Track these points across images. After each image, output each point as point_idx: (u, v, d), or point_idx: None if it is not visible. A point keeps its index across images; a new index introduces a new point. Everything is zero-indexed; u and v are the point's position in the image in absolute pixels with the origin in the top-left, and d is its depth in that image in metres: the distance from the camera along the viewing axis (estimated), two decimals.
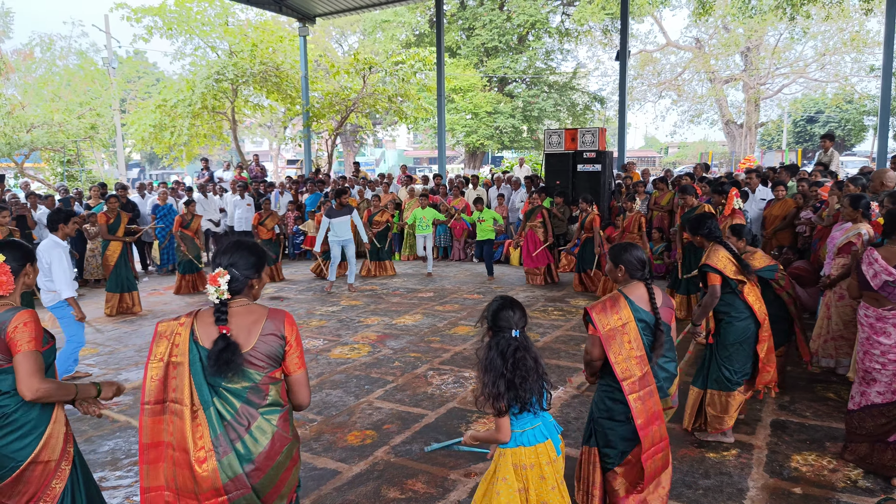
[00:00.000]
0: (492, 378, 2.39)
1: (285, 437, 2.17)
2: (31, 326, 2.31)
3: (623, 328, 2.83)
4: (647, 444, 2.80)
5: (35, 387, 2.25)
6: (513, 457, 2.47)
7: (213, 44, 16.02)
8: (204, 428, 2.05)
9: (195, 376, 2.08)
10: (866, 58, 25.15)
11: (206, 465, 2.03)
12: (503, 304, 2.49)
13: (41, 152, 18.35)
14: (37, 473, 2.32)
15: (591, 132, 10.81)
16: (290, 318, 2.22)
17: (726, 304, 3.96)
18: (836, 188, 6.12)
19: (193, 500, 2.07)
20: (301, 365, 2.22)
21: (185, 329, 2.13)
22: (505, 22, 24.69)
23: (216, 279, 2.12)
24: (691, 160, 37.96)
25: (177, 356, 2.10)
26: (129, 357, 6.18)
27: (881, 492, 3.37)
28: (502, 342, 2.43)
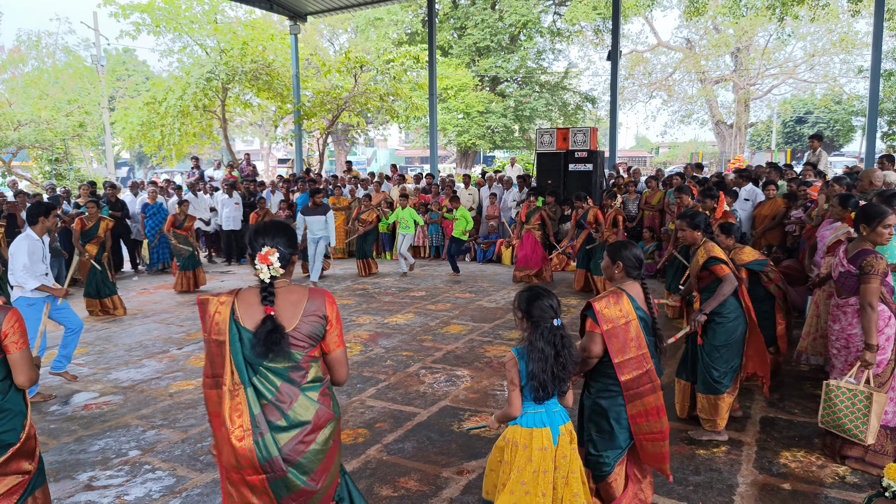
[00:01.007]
0: (541, 366, 2.46)
1: (328, 412, 2.20)
2: (22, 324, 2.56)
3: (626, 326, 2.83)
4: (640, 430, 2.87)
5: (33, 376, 2.59)
6: (509, 432, 2.59)
7: (202, 41, 15.92)
8: (243, 406, 2.09)
9: (235, 356, 2.11)
10: (855, 59, 25.42)
11: (244, 443, 2.07)
12: (537, 294, 2.55)
13: (29, 150, 18.18)
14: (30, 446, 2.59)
15: (583, 132, 10.85)
16: (330, 296, 2.25)
17: (722, 304, 3.89)
18: (825, 188, 6.18)
19: (237, 473, 2.12)
20: (340, 343, 2.26)
21: (226, 308, 2.15)
22: (497, 21, 24.73)
23: (267, 257, 2.13)
24: (681, 160, 38.20)
25: (218, 335, 2.14)
26: (119, 356, 6.14)
27: (868, 487, 3.41)
28: (547, 333, 2.50)
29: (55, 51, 19.27)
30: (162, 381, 5.39)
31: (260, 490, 2.11)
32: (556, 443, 2.55)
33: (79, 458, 3.94)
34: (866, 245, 3.55)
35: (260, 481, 2.09)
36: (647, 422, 2.87)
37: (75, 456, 3.97)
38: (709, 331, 3.93)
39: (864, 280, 3.44)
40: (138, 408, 4.79)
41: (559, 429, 2.57)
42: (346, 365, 2.30)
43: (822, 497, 3.34)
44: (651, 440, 2.90)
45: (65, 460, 3.91)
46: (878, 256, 3.47)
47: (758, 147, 40.83)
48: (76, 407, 4.82)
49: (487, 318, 7.36)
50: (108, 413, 4.70)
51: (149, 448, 4.09)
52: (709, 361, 3.94)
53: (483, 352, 6.04)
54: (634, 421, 2.87)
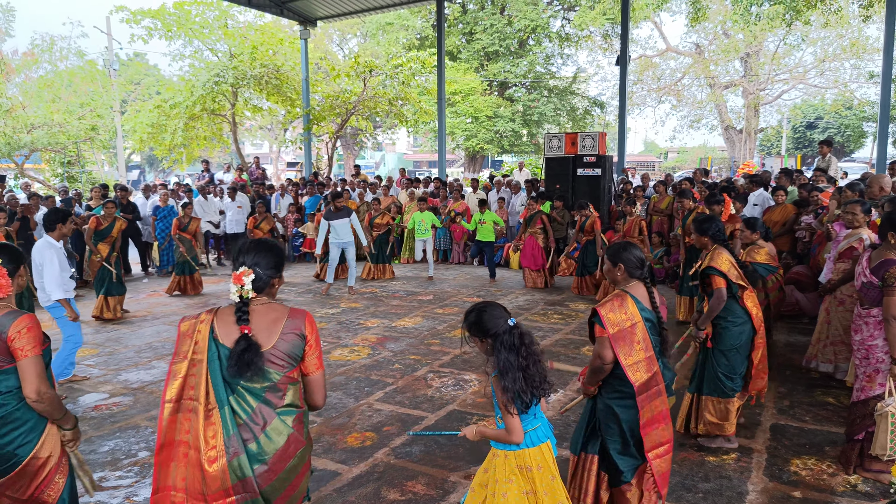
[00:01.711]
0: (512, 376, 2.34)
1: (300, 440, 2.16)
2: (34, 331, 2.36)
3: (632, 328, 2.80)
4: (650, 443, 2.80)
5: (42, 389, 2.34)
6: (517, 458, 2.44)
7: (213, 46, 16.05)
8: (217, 427, 2.05)
9: (213, 374, 2.08)
10: (865, 64, 25.27)
11: (216, 464, 2.02)
12: (480, 311, 2.43)
13: (41, 153, 18.36)
14: (37, 467, 2.38)
15: (592, 136, 10.83)
16: (310, 317, 2.23)
17: (725, 309, 3.92)
18: (836, 194, 6.14)
19: (202, 500, 2.05)
20: (319, 366, 2.23)
21: (206, 326, 2.13)
22: (505, 26, 24.77)
23: (241, 277, 2.13)
24: (691, 165, 38.05)
25: (197, 353, 2.10)
26: (129, 358, 6.18)
27: (881, 496, 3.37)
28: (506, 338, 2.37)
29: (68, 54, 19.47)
30: None
31: None
32: (557, 453, 2.52)
33: (88, 458, 3.96)
34: (891, 254, 3.38)
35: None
36: (657, 430, 2.83)
37: (85, 456, 3.99)
38: (716, 335, 3.95)
39: (886, 292, 3.31)
40: (148, 409, 4.82)
41: (553, 437, 2.55)
42: (324, 388, 2.26)
43: None
44: (660, 456, 2.84)
45: None
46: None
47: (768, 152, 40.60)
48: (86, 408, 4.86)
49: None
50: (118, 414, 4.73)
51: None
52: (716, 365, 3.95)
53: None
54: (645, 431, 2.80)
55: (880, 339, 3.46)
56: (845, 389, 4.86)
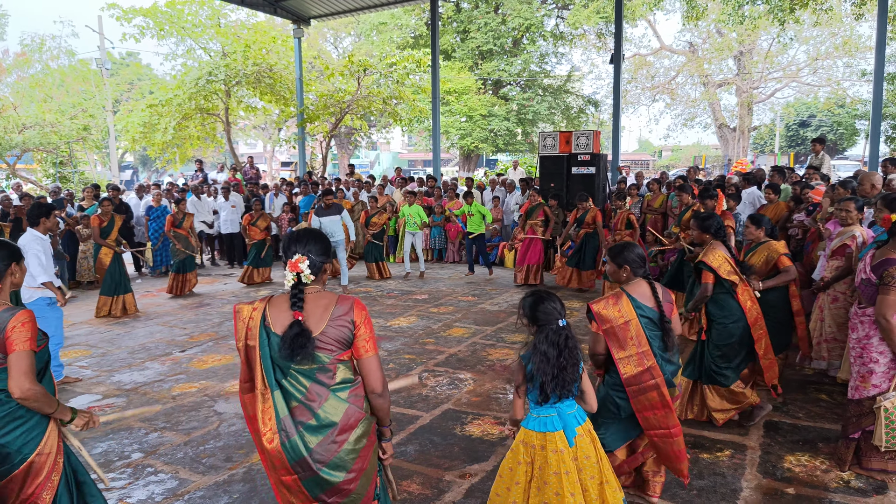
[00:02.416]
0: (542, 369, 2.48)
1: (359, 411, 2.23)
2: (29, 326, 2.33)
3: (625, 325, 2.90)
4: (647, 425, 2.98)
5: (26, 386, 2.26)
6: (524, 435, 2.62)
7: (206, 45, 15.97)
8: (271, 410, 2.16)
9: (264, 360, 2.18)
10: (858, 62, 25.39)
11: (273, 445, 2.14)
12: (540, 298, 2.57)
13: (33, 153, 18.25)
14: (41, 465, 2.37)
15: (586, 135, 10.84)
16: (359, 302, 2.28)
17: (718, 306, 4.04)
18: (830, 191, 6.16)
19: (274, 474, 2.22)
20: (371, 349, 2.26)
21: (258, 314, 2.22)
22: (500, 25, 24.76)
23: (297, 265, 2.19)
24: (685, 163, 38.15)
25: (250, 339, 2.21)
26: (122, 359, 6.14)
27: (873, 492, 3.39)
28: (552, 334, 2.50)
29: (59, 54, 19.36)
30: (165, 384, 5.39)
31: (294, 489, 2.19)
32: (573, 444, 2.55)
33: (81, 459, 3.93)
34: (894, 254, 3.31)
35: (293, 481, 2.17)
36: (655, 415, 2.96)
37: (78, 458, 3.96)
38: (711, 330, 4.10)
39: (881, 291, 3.28)
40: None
41: (575, 430, 2.58)
42: (379, 371, 2.28)
43: (827, 501, 3.32)
44: (661, 437, 2.98)
45: None
46: None
47: (761, 150, 40.76)
48: (79, 410, 4.82)
49: (490, 321, 7.35)
50: (111, 415, 4.69)
51: (151, 450, 4.09)
52: (710, 359, 4.12)
53: (486, 355, 6.03)
54: (642, 415, 2.97)
55: (876, 339, 3.43)
56: (838, 386, 4.88)
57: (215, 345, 6.58)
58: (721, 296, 4.03)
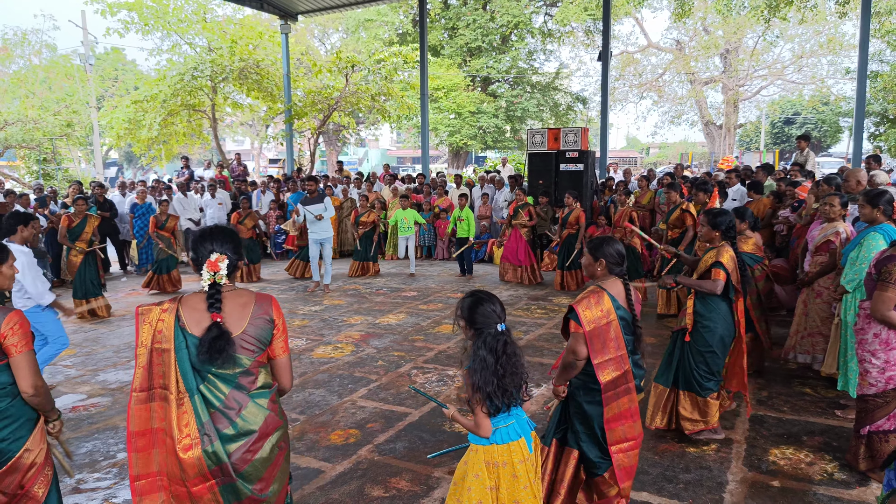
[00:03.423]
0: (483, 377, 2.30)
1: (276, 419, 2.19)
2: (24, 327, 2.38)
3: (607, 326, 2.78)
4: (613, 438, 2.83)
5: (39, 383, 2.39)
6: (485, 454, 2.41)
7: (191, 40, 15.81)
8: (189, 415, 2.05)
9: (181, 363, 2.07)
10: (842, 60, 25.66)
11: (191, 452, 2.03)
12: (478, 300, 2.40)
13: (16, 150, 17.99)
14: (29, 461, 2.41)
15: (574, 132, 10.87)
16: (275, 301, 2.27)
17: (707, 307, 3.85)
18: (815, 188, 6.22)
19: (181, 486, 2.07)
20: (286, 349, 2.26)
21: (170, 315, 2.11)
22: (488, 22, 24.75)
23: (216, 264, 2.13)
24: (672, 160, 38.41)
25: (160, 343, 2.09)
26: (108, 358, 6.08)
27: (856, 484, 3.44)
28: (490, 339, 2.34)
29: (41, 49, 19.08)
30: None
31: (207, 498, 2.07)
32: (532, 451, 2.45)
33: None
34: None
35: (209, 488, 2.06)
36: (623, 426, 2.83)
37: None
38: (695, 333, 3.88)
39: (879, 287, 3.24)
40: (126, 410, 4.73)
41: (531, 436, 2.48)
42: (290, 371, 2.30)
43: (812, 494, 3.36)
44: (624, 451, 2.85)
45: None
46: None
47: (747, 148, 41.14)
48: (64, 409, 4.77)
49: None
50: (96, 415, 4.65)
51: None
52: (693, 364, 3.89)
53: None
54: (609, 426, 2.81)
55: (870, 335, 3.39)
56: (822, 380, 4.95)
57: None
58: (715, 299, 3.82)
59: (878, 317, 3.26)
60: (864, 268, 3.91)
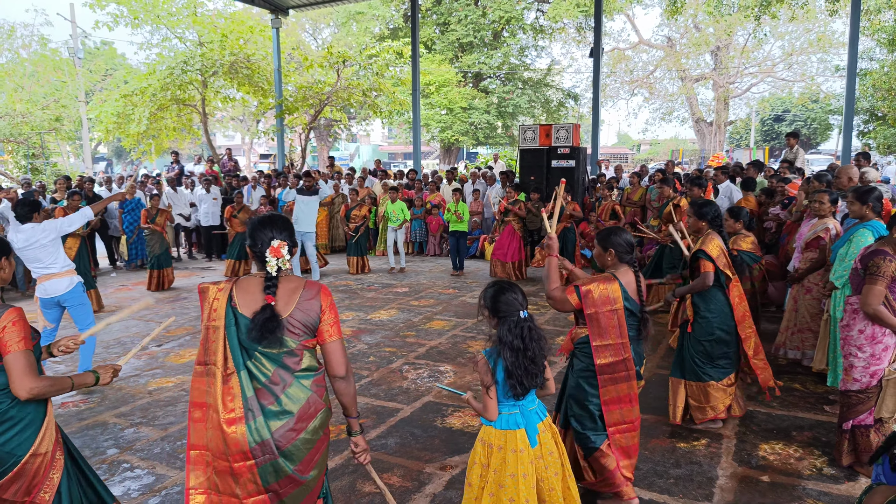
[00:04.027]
0: (513, 361, 2.40)
1: (320, 402, 2.23)
2: (21, 325, 2.25)
3: (611, 314, 2.83)
4: (611, 419, 2.95)
5: (29, 386, 2.21)
6: (484, 433, 2.55)
7: (181, 34, 15.65)
8: (236, 391, 2.13)
9: (230, 340, 2.16)
10: (832, 58, 25.83)
11: (235, 427, 2.10)
12: (501, 289, 2.50)
13: (4, 144, 17.77)
14: (36, 466, 2.30)
15: (566, 128, 10.88)
16: (325, 288, 2.31)
17: (704, 299, 3.92)
18: (805, 185, 6.26)
19: (224, 461, 2.13)
20: (335, 333, 2.28)
21: (224, 294, 2.21)
22: (480, 18, 24.70)
23: (279, 250, 2.21)
24: (663, 157, 38.57)
25: (215, 320, 2.18)
26: (97, 353, 5.99)
27: (845, 479, 3.47)
28: (514, 326, 2.43)
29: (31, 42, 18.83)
30: (141, 379, 5.31)
31: (246, 478, 2.12)
32: (536, 443, 2.48)
33: None
34: (885, 246, 3.30)
35: (248, 468, 2.11)
36: (620, 409, 2.94)
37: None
38: (695, 323, 4.00)
39: (868, 280, 3.27)
40: (116, 406, 4.71)
41: (537, 427, 2.51)
42: (343, 355, 2.30)
43: (801, 488, 3.39)
44: (622, 432, 2.98)
45: None
46: (888, 259, 3.21)
47: (737, 145, 41.35)
48: (53, 405, 4.72)
49: (471, 313, 7.36)
50: (86, 411, 4.62)
51: (127, 446, 4.02)
52: (693, 353, 4.02)
53: (466, 347, 6.04)
54: (607, 408, 2.93)
55: (855, 331, 3.42)
56: (812, 376, 4.99)
57: (192, 339, 6.49)
58: (711, 290, 3.89)
59: (869, 311, 3.27)
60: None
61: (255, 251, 2.26)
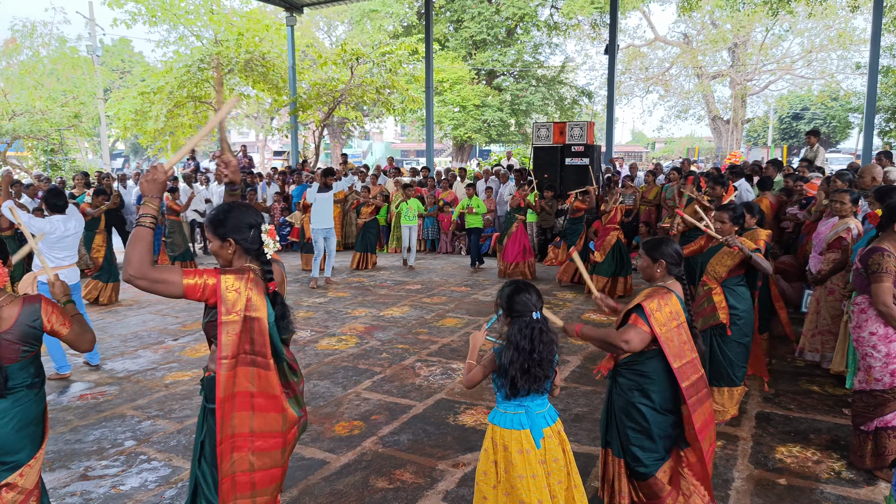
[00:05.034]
0: (512, 359, 2.38)
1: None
2: (57, 308, 2.45)
3: (678, 328, 2.65)
4: (706, 445, 2.68)
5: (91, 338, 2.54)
6: (491, 431, 2.53)
7: (198, 32, 15.78)
8: (279, 376, 2.25)
9: (271, 329, 2.19)
10: (852, 55, 25.42)
11: (286, 405, 2.26)
12: (517, 289, 2.48)
13: (24, 141, 18.04)
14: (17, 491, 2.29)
15: (580, 126, 10.83)
16: None
17: (741, 300, 4.02)
18: (825, 184, 6.17)
19: (278, 437, 2.24)
20: None
21: (256, 285, 2.17)
22: (493, 14, 24.61)
23: (274, 233, 2.25)
24: (678, 155, 38.22)
25: (252, 311, 2.13)
26: (115, 347, 6.11)
27: (864, 483, 3.42)
28: (525, 327, 2.41)
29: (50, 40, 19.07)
30: (157, 372, 5.36)
31: (291, 443, 2.33)
32: (540, 446, 2.43)
33: (74, 448, 3.92)
34: (883, 244, 3.30)
35: (294, 433, 2.33)
36: (709, 430, 2.70)
37: (71, 446, 3.95)
38: (732, 326, 3.99)
39: (873, 279, 3.25)
40: (134, 398, 4.77)
41: (542, 431, 2.45)
42: None
43: (818, 492, 3.35)
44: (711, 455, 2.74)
45: (60, 450, 3.89)
46: (887, 254, 3.23)
47: (754, 143, 40.87)
48: (72, 397, 4.80)
49: (483, 311, 7.35)
50: (104, 403, 4.68)
51: (144, 438, 4.07)
52: (731, 357, 4.03)
53: None
54: (702, 435, 2.64)
55: (866, 332, 3.37)
56: (830, 378, 4.92)
57: None
58: (740, 287, 4.00)
59: (883, 309, 3.25)
60: None
61: (245, 241, 2.22)
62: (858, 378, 3.52)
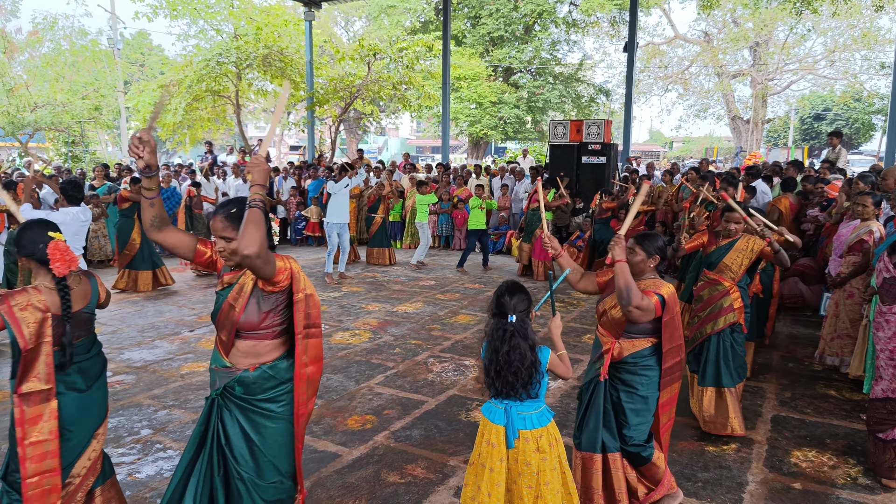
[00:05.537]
0: (494, 362, 2.47)
1: None
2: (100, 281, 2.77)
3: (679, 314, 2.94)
4: (664, 420, 2.99)
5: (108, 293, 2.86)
6: (482, 422, 2.62)
7: (218, 26, 15.90)
8: None
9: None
10: (877, 55, 24.97)
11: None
12: (503, 290, 2.55)
13: (45, 132, 18.31)
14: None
15: (597, 124, 10.76)
16: None
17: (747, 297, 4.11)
18: (846, 186, 6.07)
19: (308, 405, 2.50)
20: None
21: (297, 264, 2.42)
22: (511, 11, 24.51)
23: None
24: (696, 155, 37.85)
25: (307, 289, 2.41)
26: (132, 337, 6.19)
27: (881, 489, 3.37)
28: (498, 328, 2.48)
29: (71, 33, 19.34)
30: (174, 363, 5.43)
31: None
32: (512, 445, 2.43)
33: None
34: None
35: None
36: (670, 410, 2.99)
37: None
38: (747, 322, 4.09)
39: None
40: (150, 388, 4.83)
41: (519, 433, 2.44)
42: None
43: (834, 497, 3.31)
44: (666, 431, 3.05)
45: None
46: None
47: (774, 143, 40.32)
48: None
49: None
50: (121, 392, 4.74)
51: (160, 427, 4.12)
52: (740, 353, 4.04)
53: None
54: (661, 410, 2.95)
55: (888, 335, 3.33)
56: (848, 382, 4.85)
57: None
58: (744, 285, 4.04)
59: None
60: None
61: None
62: (882, 386, 3.44)
